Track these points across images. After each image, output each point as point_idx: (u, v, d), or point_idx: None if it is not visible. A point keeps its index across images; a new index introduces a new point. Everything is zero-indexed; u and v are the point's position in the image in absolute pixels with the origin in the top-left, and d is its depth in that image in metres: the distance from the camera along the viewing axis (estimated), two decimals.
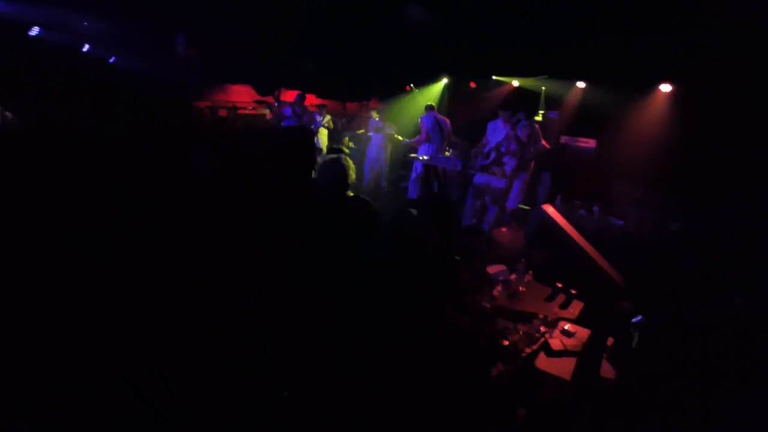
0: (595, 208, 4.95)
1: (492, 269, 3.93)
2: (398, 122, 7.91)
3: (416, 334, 1.42)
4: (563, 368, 2.30)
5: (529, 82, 7.02)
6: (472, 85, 8.12)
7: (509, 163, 5.31)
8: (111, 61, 7.69)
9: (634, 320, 2.43)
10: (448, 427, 1.44)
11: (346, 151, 8.06)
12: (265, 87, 9.22)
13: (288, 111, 7.41)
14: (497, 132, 5.43)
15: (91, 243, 1.37)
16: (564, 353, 2.43)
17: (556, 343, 2.52)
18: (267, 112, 10.22)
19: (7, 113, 3.79)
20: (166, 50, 6.92)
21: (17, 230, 1.35)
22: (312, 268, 1.47)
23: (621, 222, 4.75)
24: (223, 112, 9.19)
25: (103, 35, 6.71)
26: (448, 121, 6.43)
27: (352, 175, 2.53)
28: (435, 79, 8.76)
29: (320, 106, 8.79)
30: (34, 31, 6.15)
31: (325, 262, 1.50)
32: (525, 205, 5.81)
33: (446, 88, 8.65)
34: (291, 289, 1.41)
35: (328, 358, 1.28)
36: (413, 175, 6.47)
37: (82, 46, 7.12)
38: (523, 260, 3.95)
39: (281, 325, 1.36)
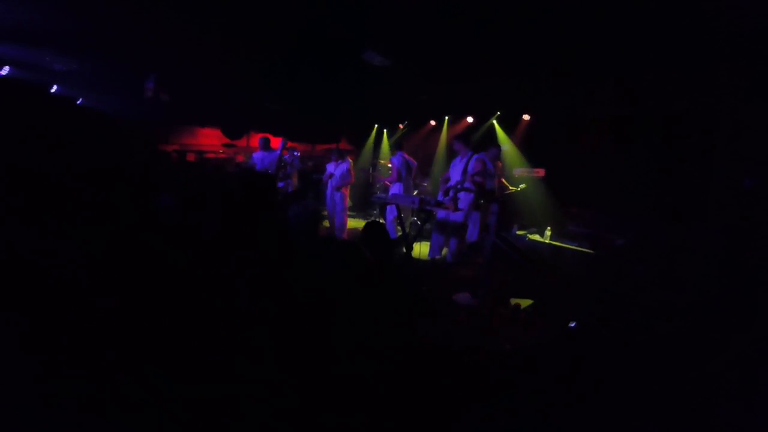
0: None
1: (457, 296, 4.10)
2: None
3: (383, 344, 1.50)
4: None
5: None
6: (432, 123, 8.64)
7: (464, 198, 5.62)
8: (78, 102, 7.67)
9: (569, 325, 2.61)
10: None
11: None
12: (234, 130, 9.39)
13: (257, 156, 7.51)
14: (455, 168, 5.79)
15: (87, 250, 1.39)
16: None
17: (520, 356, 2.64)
18: (237, 155, 10.38)
19: None
20: (135, 92, 7.01)
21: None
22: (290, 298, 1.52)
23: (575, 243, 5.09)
24: (191, 156, 9.26)
25: (73, 76, 6.73)
26: (414, 161, 6.79)
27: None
28: (398, 120, 9.27)
29: (290, 149, 9.03)
30: (5, 70, 6.17)
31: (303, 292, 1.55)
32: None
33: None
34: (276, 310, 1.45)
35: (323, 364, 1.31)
36: (389, 216, 6.67)
37: (51, 87, 7.14)
38: (484, 286, 4.15)
39: (277, 331, 1.39)
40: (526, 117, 6.80)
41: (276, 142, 7.29)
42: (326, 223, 6.89)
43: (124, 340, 1.26)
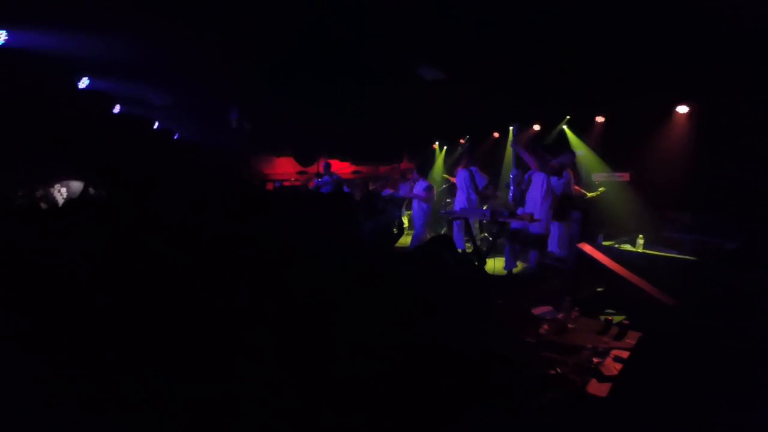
0: None
1: (537, 311, 3.82)
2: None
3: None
4: None
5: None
6: (495, 135, 8.42)
7: (542, 208, 5.32)
8: (175, 137, 8.69)
9: None
10: None
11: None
12: (306, 157, 10.03)
13: (321, 180, 7.97)
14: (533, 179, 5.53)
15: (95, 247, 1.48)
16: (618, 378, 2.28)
17: (608, 368, 2.37)
18: (310, 182, 11.04)
19: (90, 189, 4.46)
20: (222, 124, 7.79)
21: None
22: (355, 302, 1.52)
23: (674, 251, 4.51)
24: (269, 186, 10.03)
25: (170, 111, 7.57)
26: (485, 176, 6.67)
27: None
28: (459, 135, 9.19)
29: (356, 172, 9.41)
30: (117, 108, 7.01)
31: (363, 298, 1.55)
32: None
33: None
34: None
35: (331, 360, 1.29)
36: (455, 228, 6.63)
37: (154, 123, 8.11)
38: (568, 298, 3.84)
39: (280, 325, 1.38)
40: (600, 118, 6.32)
41: (343, 166, 7.70)
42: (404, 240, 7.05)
43: (124, 340, 1.28)
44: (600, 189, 5.84)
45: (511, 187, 5.59)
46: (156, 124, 8.14)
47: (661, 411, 1.39)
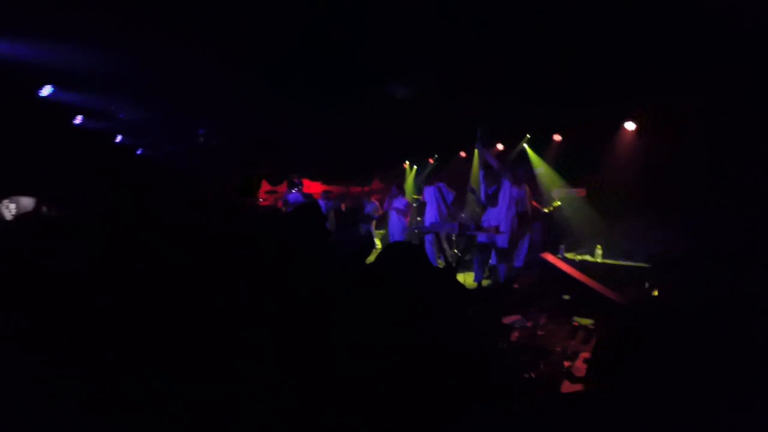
0: None
1: (507, 320, 3.95)
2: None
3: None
4: None
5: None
6: (463, 155, 8.77)
7: (505, 222, 5.57)
8: (138, 152, 8.33)
9: None
10: None
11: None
12: (275, 176, 9.93)
13: (292, 197, 7.95)
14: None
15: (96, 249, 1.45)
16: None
17: (578, 370, 2.49)
18: (278, 201, 10.90)
19: (44, 207, 4.20)
20: (188, 141, 7.58)
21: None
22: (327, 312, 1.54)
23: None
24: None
25: (134, 125, 7.31)
26: (452, 192, 6.89)
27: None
28: (428, 155, 9.49)
29: (325, 192, 9.43)
30: (78, 119, 6.64)
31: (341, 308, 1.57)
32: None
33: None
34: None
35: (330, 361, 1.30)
36: (427, 244, 6.76)
37: (116, 137, 7.74)
38: (536, 306, 4.00)
39: (280, 325, 1.38)
40: (557, 137, 6.78)
41: (313, 186, 7.72)
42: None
43: (124, 340, 1.27)
44: (555, 203, 6.18)
45: (482, 185, 5.83)
46: (119, 138, 7.81)
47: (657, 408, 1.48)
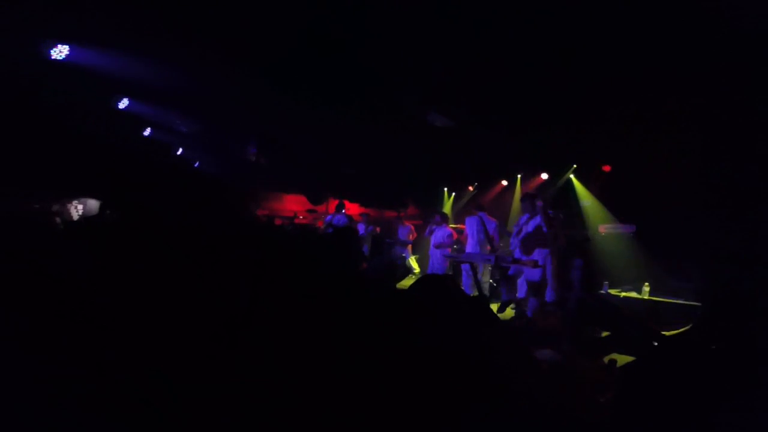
0: None
1: (538, 353, 3.71)
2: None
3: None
4: None
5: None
6: (504, 183, 8.59)
7: (539, 255, 5.32)
8: (196, 165, 8.95)
9: None
10: None
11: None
12: (316, 197, 10.27)
13: (336, 219, 8.15)
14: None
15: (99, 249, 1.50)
16: None
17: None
18: (317, 221, 11.24)
19: (107, 211, 4.59)
20: (239, 157, 8.05)
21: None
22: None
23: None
24: (278, 221, 10.21)
25: (195, 139, 7.80)
26: (494, 221, 6.74)
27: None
28: (467, 182, 9.39)
29: (363, 215, 9.58)
30: (147, 131, 7.21)
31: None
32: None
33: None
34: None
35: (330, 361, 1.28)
36: (464, 274, 6.56)
37: (177, 149, 8.35)
38: (568, 340, 3.74)
39: (280, 325, 1.37)
40: (606, 168, 6.46)
41: (351, 207, 7.90)
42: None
43: (124, 339, 1.27)
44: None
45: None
46: (179, 150, 8.43)
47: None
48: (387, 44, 4.36)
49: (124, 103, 6.07)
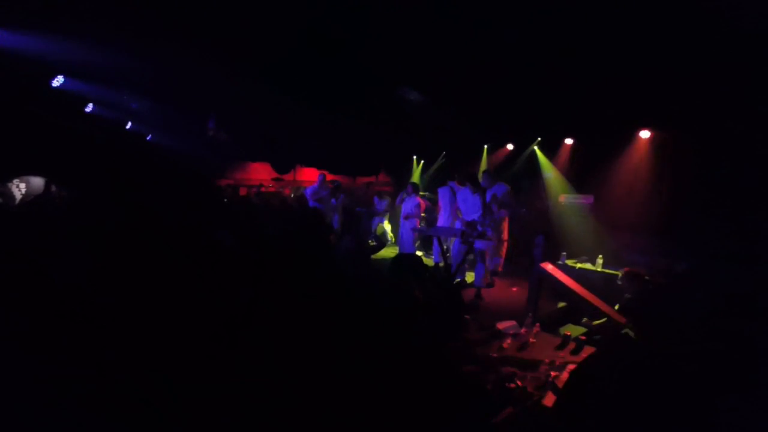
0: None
1: (502, 325, 3.95)
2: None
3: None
4: None
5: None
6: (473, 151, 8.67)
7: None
8: (148, 138, 8.56)
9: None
10: None
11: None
12: (282, 165, 10.00)
13: (309, 191, 8.02)
14: (467, 201, 5.77)
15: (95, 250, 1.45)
16: None
17: (563, 382, 2.49)
18: (284, 188, 10.99)
19: (53, 186, 4.31)
20: (198, 131, 7.76)
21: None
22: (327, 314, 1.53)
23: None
24: (243, 191, 9.90)
25: (145, 114, 7.56)
26: (461, 187, 6.84)
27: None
28: (436, 151, 9.41)
29: (333, 182, 9.45)
30: (89, 107, 7.02)
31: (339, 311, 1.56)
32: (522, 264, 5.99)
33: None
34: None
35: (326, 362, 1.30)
36: (435, 248, 6.71)
37: (126, 123, 8.04)
38: (530, 314, 4.01)
39: (280, 325, 1.39)
40: (569, 141, 6.66)
41: (317, 175, 7.79)
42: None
43: (125, 340, 1.27)
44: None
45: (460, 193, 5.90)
46: (128, 125, 8.04)
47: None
48: (355, 12, 4.12)
49: (58, 81, 5.85)
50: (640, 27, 3.68)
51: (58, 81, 5.81)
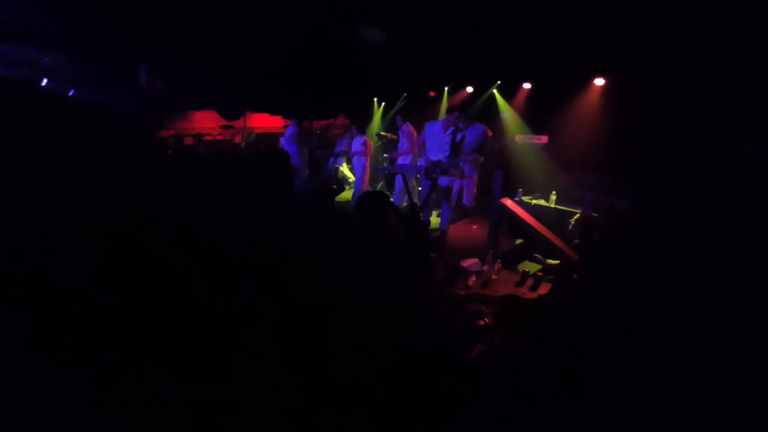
0: None
1: (466, 263, 4.24)
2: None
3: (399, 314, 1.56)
4: None
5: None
6: (432, 94, 8.57)
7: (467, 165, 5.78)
8: (70, 94, 7.57)
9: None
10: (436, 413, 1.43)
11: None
12: (231, 111, 9.31)
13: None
14: (437, 138, 5.87)
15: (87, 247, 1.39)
16: None
17: None
18: (235, 136, 10.34)
19: None
20: (129, 82, 6.95)
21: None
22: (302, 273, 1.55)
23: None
24: (188, 140, 9.21)
25: (63, 70, 6.68)
26: (415, 132, 6.86)
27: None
28: (397, 93, 9.18)
29: (286, 126, 9.04)
30: None
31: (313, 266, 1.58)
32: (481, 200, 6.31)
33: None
34: (287, 292, 1.47)
35: (326, 356, 1.33)
36: (397, 184, 6.81)
37: (41, 81, 7.05)
38: (491, 251, 4.28)
39: (280, 325, 1.41)
40: (527, 85, 6.78)
41: (274, 120, 7.44)
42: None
43: (124, 340, 1.27)
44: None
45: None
46: (44, 82, 7.00)
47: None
48: None
49: None
50: None
51: None
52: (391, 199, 2.92)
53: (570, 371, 1.41)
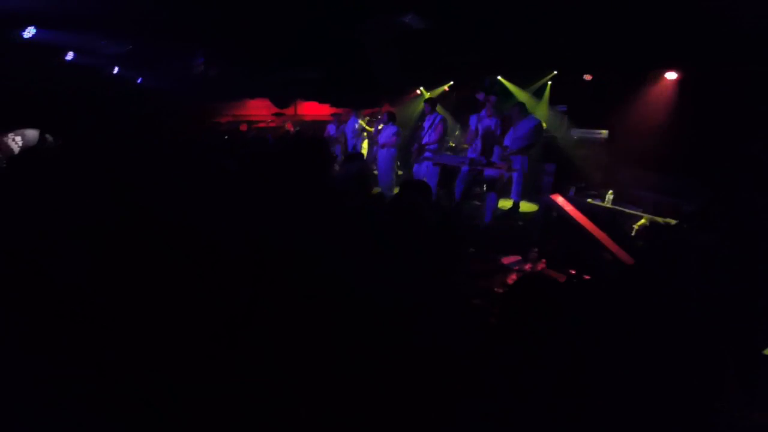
0: None
1: (506, 260, 4.03)
2: None
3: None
4: None
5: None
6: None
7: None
8: (138, 81, 8.22)
9: None
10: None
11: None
12: (282, 100, 9.62)
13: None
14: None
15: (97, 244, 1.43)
16: None
17: None
18: (286, 123, 10.69)
19: (47, 136, 4.23)
20: (188, 69, 7.41)
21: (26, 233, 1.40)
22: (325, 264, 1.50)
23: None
24: (243, 126, 9.66)
25: (130, 58, 7.25)
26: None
27: None
28: (442, 81, 8.97)
29: (335, 115, 9.13)
30: (70, 55, 6.75)
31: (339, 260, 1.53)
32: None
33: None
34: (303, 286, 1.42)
35: (328, 355, 1.30)
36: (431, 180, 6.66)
37: (113, 69, 7.72)
38: (536, 249, 4.04)
39: (282, 323, 1.37)
40: (588, 77, 6.32)
41: (322, 109, 7.57)
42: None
43: (124, 339, 1.26)
44: None
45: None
46: (116, 70, 7.69)
47: None
48: None
49: (30, 32, 5.63)
50: None
51: (29, 32, 5.59)
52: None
53: (570, 371, 1.29)
